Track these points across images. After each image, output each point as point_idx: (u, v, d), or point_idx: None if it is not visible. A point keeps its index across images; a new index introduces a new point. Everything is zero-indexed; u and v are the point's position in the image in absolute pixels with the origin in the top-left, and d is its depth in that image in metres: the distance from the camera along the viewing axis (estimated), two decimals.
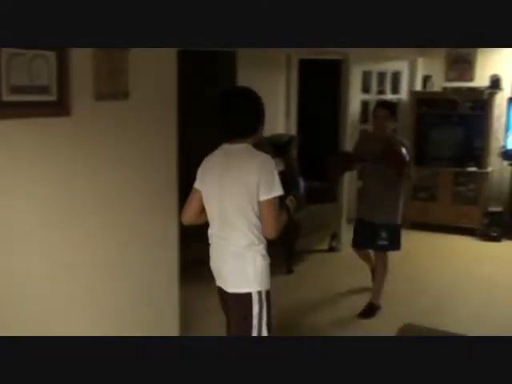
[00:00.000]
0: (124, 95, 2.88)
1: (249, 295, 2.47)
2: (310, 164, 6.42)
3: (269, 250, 2.46)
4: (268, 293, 2.53)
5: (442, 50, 6.70)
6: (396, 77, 6.91)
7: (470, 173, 6.29)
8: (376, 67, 6.76)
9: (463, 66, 6.69)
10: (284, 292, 4.59)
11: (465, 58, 6.67)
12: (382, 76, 6.86)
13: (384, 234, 4.10)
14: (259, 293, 2.49)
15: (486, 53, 6.49)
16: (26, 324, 2.54)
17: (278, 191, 2.42)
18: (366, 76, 6.78)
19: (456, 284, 4.87)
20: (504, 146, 6.23)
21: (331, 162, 4.43)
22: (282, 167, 3.16)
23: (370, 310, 4.19)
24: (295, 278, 4.88)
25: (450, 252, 5.77)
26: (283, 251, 5.10)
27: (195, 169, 2.61)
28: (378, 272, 4.29)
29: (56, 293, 2.70)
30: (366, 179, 4.24)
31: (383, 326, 3.90)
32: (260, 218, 2.44)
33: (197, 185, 2.59)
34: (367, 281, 4.75)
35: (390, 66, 6.81)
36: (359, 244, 4.38)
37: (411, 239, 6.13)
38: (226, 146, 2.53)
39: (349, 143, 5.75)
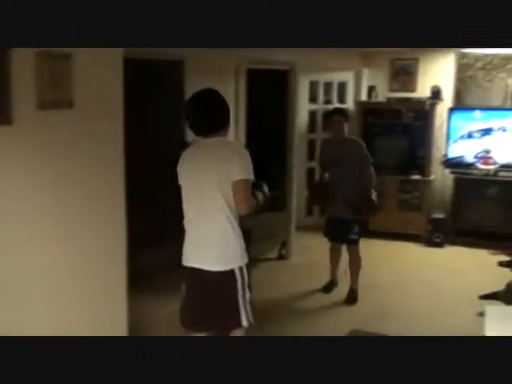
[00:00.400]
0: (68, 104, 2.83)
1: (232, 272, 2.76)
2: (259, 172, 6.46)
3: None
4: (246, 265, 2.85)
5: (385, 60, 6.90)
6: (342, 87, 7.05)
7: (414, 181, 6.47)
8: (323, 77, 6.89)
9: (406, 77, 6.90)
10: None
11: (407, 70, 6.88)
12: (328, 86, 6.98)
13: (356, 229, 4.62)
14: (240, 268, 2.79)
15: (426, 64, 6.72)
16: None
17: (251, 175, 2.73)
18: (313, 86, 6.89)
19: (402, 289, 4.99)
20: (445, 155, 6.45)
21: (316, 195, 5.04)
22: None
23: (352, 295, 4.70)
24: None
25: (396, 258, 5.91)
26: None
27: (142, 174, 2.63)
28: (355, 263, 4.74)
29: (6, 294, 2.64)
30: (333, 182, 4.68)
31: (330, 331, 3.95)
32: (233, 197, 2.71)
33: (179, 181, 2.87)
34: (316, 286, 4.84)
35: (336, 77, 6.95)
36: (334, 238, 4.85)
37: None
38: (201, 141, 2.83)
39: (296, 152, 5.84)
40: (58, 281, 2.93)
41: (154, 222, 5.20)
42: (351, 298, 4.70)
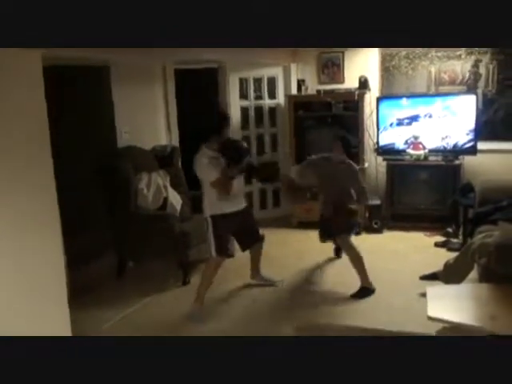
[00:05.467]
0: None
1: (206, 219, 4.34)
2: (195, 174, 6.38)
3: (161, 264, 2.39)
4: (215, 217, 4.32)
5: (313, 54, 6.98)
6: (272, 82, 7.07)
7: None
8: (252, 73, 6.89)
9: (333, 70, 7.01)
10: (182, 304, 4.52)
11: (334, 62, 6.99)
12: (258, 82, 7.00)
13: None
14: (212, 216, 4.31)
15: (352, 56, 6.85)
16: None
17: (211, 177, 4.21)
18: (243, 83, 6.88)
19: (344, 274, 5.03)
20: (377, 143, 6.60)
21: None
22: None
23: (362, 294, 4.55)
24: (192, 289, 4.82)
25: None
26: (176, 263, 5.03)
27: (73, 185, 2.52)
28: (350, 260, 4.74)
29: None
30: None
31: (276, 325, 3.96)
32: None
33: None
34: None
35: (265, 72, 6.97)
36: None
37: (299, 238, 6.30)
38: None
39: None
40: None
41: (86, 235, 5.06)
42: (359, 295, 4.55)
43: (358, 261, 4.64)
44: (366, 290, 4.57)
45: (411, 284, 4.64)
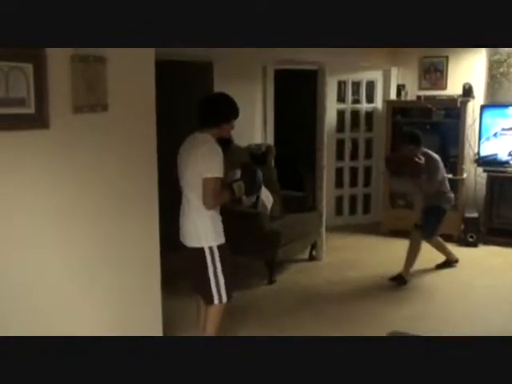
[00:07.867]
0: (103, 107, 2.85)
1: (202, 249, 3.14)
2: (288, 173, 6.43)
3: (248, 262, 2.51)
4: (220, 248, 3.16)
5: (414, 58, 6.81)
6: (371, 86, 6.98)
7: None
8: (351, 77, 6.83)
9: (436, 75, 6.80)
10: (266, 301, 4.57)
11: (437, 67, 6.78)
12: (356, 85, 6.93)
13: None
14: (210, 248, 3.14)
15: (456, 62, 6.61)
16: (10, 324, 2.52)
17: (218, 173, 3.05)
18: (341, 85, 6.84)
19: (438, 288, 4.89)
20: (478, 153, 6.33)
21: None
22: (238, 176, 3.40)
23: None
24: (277, 288, 4.85)
25: (430, 258, 5.79)
26: (264, 262, 5.08)
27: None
28: None
29: (40, 293, 2.68)
30: None
31: (369, 332, 3.90)
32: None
33: None
34: (349, 287, 4.78)
35: (364, 76, 6.89)
36: None
37: (390, 246, 6.18)
38: (192, 135, 3.22)
39: (326, 152, 5.78)
40: (94, 279, 2.95)
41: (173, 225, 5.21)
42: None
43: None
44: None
45: (507, 302, 4.42)
